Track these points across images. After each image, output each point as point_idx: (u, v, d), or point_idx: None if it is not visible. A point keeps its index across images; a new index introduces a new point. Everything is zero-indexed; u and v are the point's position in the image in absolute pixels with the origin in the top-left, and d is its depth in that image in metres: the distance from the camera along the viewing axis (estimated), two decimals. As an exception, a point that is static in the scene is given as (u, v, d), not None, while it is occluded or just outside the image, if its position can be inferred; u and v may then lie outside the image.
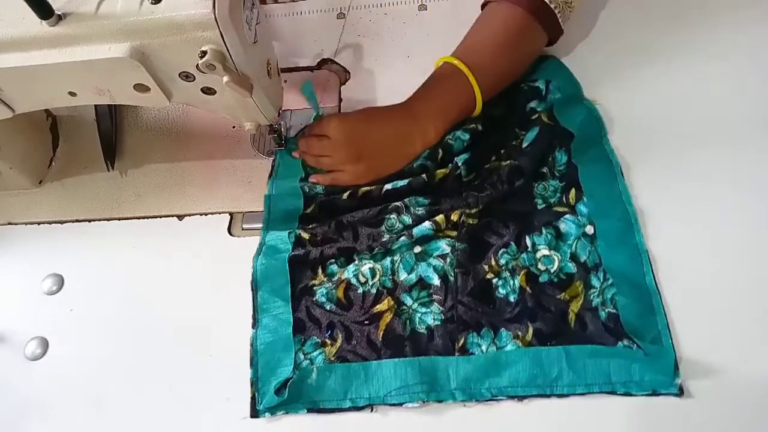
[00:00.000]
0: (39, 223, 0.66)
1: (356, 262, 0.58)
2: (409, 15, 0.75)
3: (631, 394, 0.49)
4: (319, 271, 0.58)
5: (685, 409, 0.48)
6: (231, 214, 0.63)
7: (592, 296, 0.53)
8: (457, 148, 0.62)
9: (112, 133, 0.69)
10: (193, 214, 0.64)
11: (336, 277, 0.57)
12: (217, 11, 0.44)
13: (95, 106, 0.69)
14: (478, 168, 0.61)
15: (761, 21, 0.67)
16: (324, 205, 0.62)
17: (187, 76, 0.50)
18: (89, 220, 0.65)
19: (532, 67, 0.66)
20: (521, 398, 0.50)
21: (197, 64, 0.47)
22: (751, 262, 0.54)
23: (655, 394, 0.49)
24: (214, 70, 0.47)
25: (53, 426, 0.54)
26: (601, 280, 0.54)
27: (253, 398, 0.52)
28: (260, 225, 0.62)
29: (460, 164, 0.61)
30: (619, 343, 0.51)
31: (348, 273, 0.57)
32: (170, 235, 0.63)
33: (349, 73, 0.72)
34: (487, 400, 0.50)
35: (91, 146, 0.69)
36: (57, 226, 0.65)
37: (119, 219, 0.65)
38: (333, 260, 0.58)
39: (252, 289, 0.57)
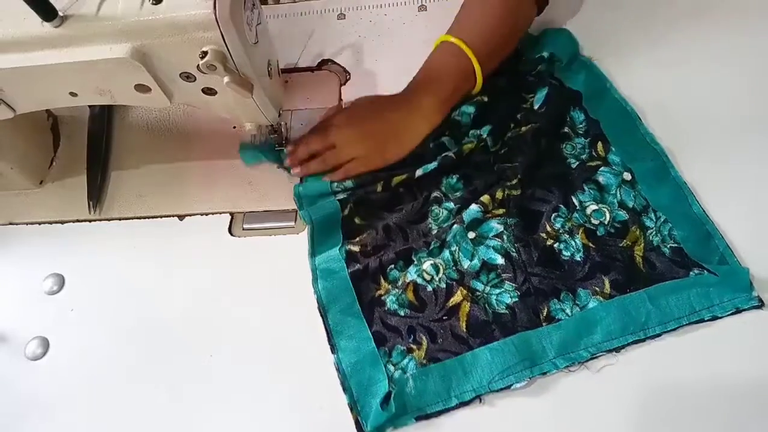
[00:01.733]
0: (40, 223, 0.66)
1: (416, 262, 0.57)
2: (409, 15, 0.75)
3: (717, 317, 0.51)
4: (381, 279, 0.57)
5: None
6: (231, 214, 0.63)
7: (650, 236, 0.56)
8: (464, 122, 0.63)
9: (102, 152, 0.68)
10: (193, 214, 0.64)
11: (400, 282, 0.56)
12: (217, 12, 0.45)
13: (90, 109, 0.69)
14: (501, 137, 0.63)
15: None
16: (359, 203, 0.61)
17: (187, 77, 0.50)
18: (90, 220, 0.65)
19: (532, 42, 0.68)
20: (618, 350, 0.51)
21: (198, 65, 0.47)
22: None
23: (738, 311, 0.52)
24: (215, 71, 0.47)
25: (53, 426, 0.54)
26: (654, 220, 0.57)
27: (356, 423, 0.50)
28: (261, 225, 0.62)
29: (485, 135, 0.62)
30: (691, 273, 0.54)
31: (411, 275, 0.56)
32: (171, 235, 0.63)
33: (349, 73, 0.72)
34: (587, 360, 0.51)
35: (92, 146, 0.70)
36: (58, 226, 0.65)
37: (119, 219, 0.65)
38: (392, 266, 0.57)
39: (321, 315, 0.56)
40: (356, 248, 0.59)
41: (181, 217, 0.64)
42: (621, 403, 0.50)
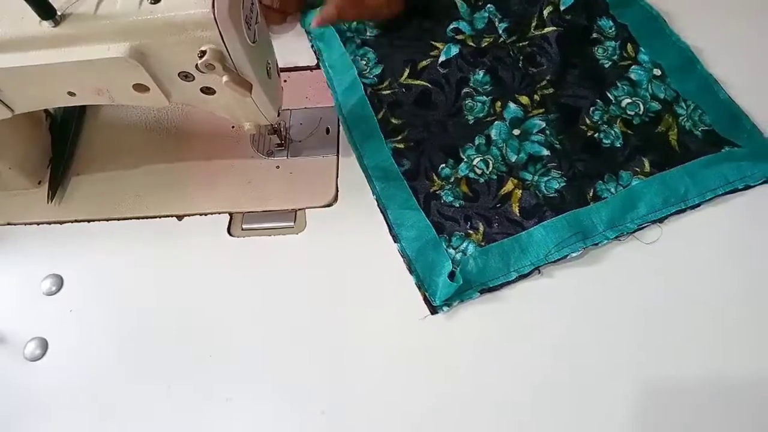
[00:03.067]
0: (38, 224, 0.65)
1: (465, 159, 0.62)
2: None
3: (749, 187, 0.57)
4: (434, 177, 0.62)
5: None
6: (230, 214, 0.63)
7: (682, 122, 0.62)
8: None
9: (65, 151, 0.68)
10: (192, 215, 0.64)
11: (452, 179, 0.61)
12: (216, 11, 0.44)
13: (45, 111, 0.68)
14: (518, 31, 0.69)
15: None
16: (392, 105, 0.67)
17: (186, 76, 0.50)
18: (89, 220, 0.65)
19: None
20: (661, 220, 0.57)
21: (196, 64, 0.47)
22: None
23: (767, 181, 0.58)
24: (214, 70, 0.47)
25: (53, 426, 0.54)
26: (685, 108, 0.63)
27: (425, 299, 0.55)
28: (260, 225, 0.62)
29: (500, 32, 0.69)
30: (722, 149, 0.59)
31: (462, 171, 0.61)
32: (170, 235, 0.63)
33: (349, 72, 0.72)
34: (634, 231, 0.56)
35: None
36: (56, 226, 0.65)
37: (119, 219, 0.65)
38: (443, 164, 0.62)
39: (381, 211, 0.60)
40: (401, 145, 0.63)
41: (179, 218, 0.64)
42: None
